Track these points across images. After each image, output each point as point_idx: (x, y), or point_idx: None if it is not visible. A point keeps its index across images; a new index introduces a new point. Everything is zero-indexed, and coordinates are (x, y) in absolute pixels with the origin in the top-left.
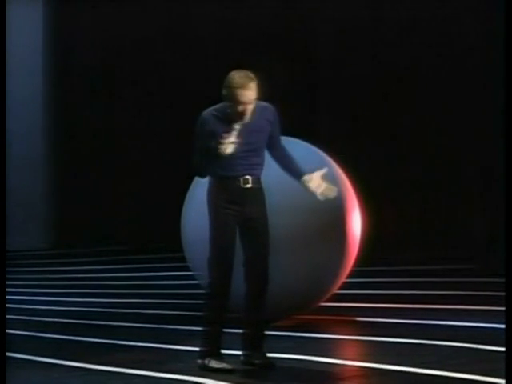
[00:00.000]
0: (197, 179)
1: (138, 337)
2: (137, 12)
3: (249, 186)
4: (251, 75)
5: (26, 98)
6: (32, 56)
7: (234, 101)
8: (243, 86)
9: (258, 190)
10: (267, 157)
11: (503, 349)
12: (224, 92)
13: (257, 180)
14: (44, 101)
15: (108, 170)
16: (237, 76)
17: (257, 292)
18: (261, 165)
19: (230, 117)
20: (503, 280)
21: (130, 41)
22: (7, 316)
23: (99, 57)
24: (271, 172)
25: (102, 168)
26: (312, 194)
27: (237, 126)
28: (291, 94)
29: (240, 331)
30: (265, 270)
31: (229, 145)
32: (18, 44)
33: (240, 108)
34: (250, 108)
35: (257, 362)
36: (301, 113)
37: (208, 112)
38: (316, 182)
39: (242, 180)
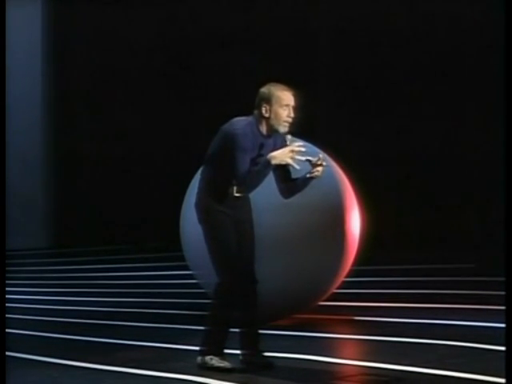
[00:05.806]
0: (195, 179)
1: (138, 336)
2: (135, 12)
3: (239, 194)
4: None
5: (25, 98)
6: (31, 55)
7: (281, 106)
8: (287, 94)
9: (246, 197)
10: None
11: (503, 348)
12: (266, 99)
13: None
14: (43, 100)
15: (108, 170)
16: (278, 88)
17: (247, 292)
18: None
19: (267, 128)
20: (503, 279)
21: (128, 40)
22: (7, 315)
23: (98, 56)
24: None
25: (101, 168)
26: (311, 194)
27: (268, 141)
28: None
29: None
30: (253, 271)
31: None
32: (16, 43)
33: (285, 113)
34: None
35: (255, 361)
36: (300, 111)
37: (242, 128)
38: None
39: (234, 188)
